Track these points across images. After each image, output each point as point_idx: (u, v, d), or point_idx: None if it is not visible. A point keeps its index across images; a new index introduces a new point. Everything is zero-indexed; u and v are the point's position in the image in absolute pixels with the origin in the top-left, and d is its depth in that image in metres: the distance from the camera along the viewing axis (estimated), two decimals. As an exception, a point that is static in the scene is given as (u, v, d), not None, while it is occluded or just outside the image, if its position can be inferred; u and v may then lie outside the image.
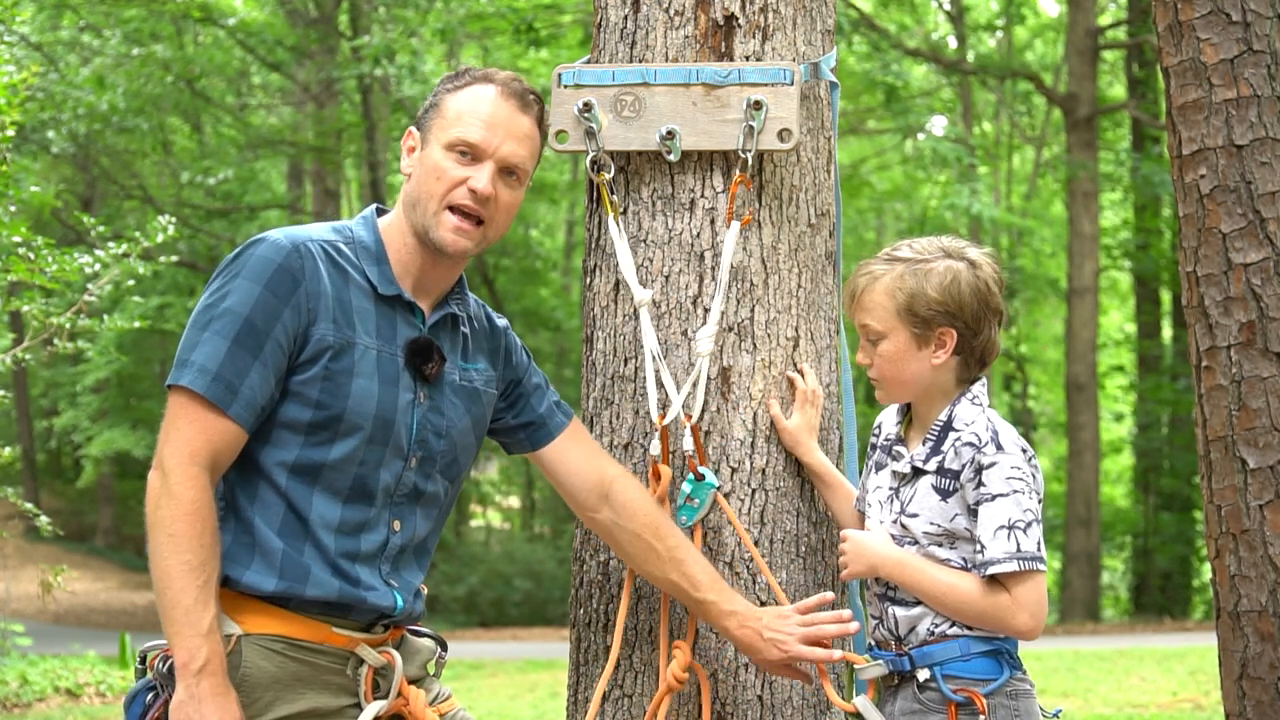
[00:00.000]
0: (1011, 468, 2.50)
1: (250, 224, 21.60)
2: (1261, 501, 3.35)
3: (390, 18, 19.84)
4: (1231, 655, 3.41)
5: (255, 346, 2.38)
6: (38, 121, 17.48)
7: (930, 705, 2.53)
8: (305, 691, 2.42)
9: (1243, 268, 3.39)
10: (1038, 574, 2.49)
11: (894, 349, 2.62)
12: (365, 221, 2.62)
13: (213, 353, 2.36)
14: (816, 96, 3.01)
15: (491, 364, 2.72)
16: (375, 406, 2.47)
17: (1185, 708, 9.02)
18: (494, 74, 2.62)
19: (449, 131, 2.55)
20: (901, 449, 2.64)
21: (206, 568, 2.31)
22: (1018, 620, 2.49)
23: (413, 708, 2.55)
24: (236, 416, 2.37)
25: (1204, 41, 3.44)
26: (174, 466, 2.33)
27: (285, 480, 2.43)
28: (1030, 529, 2.48)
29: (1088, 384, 18.49)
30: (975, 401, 2.61)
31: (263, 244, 2.45)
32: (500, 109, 2.57)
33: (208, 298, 2.43)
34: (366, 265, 2.54)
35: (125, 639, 11.82)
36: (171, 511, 2.31)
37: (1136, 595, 22.28)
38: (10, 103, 7.75)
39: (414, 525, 2.57)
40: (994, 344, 2.63)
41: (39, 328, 8.41)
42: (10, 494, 8.51)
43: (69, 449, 28.04)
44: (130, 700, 2.45)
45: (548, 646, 15.28)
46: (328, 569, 2.43)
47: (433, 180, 2.54)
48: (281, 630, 2.41)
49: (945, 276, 2.58)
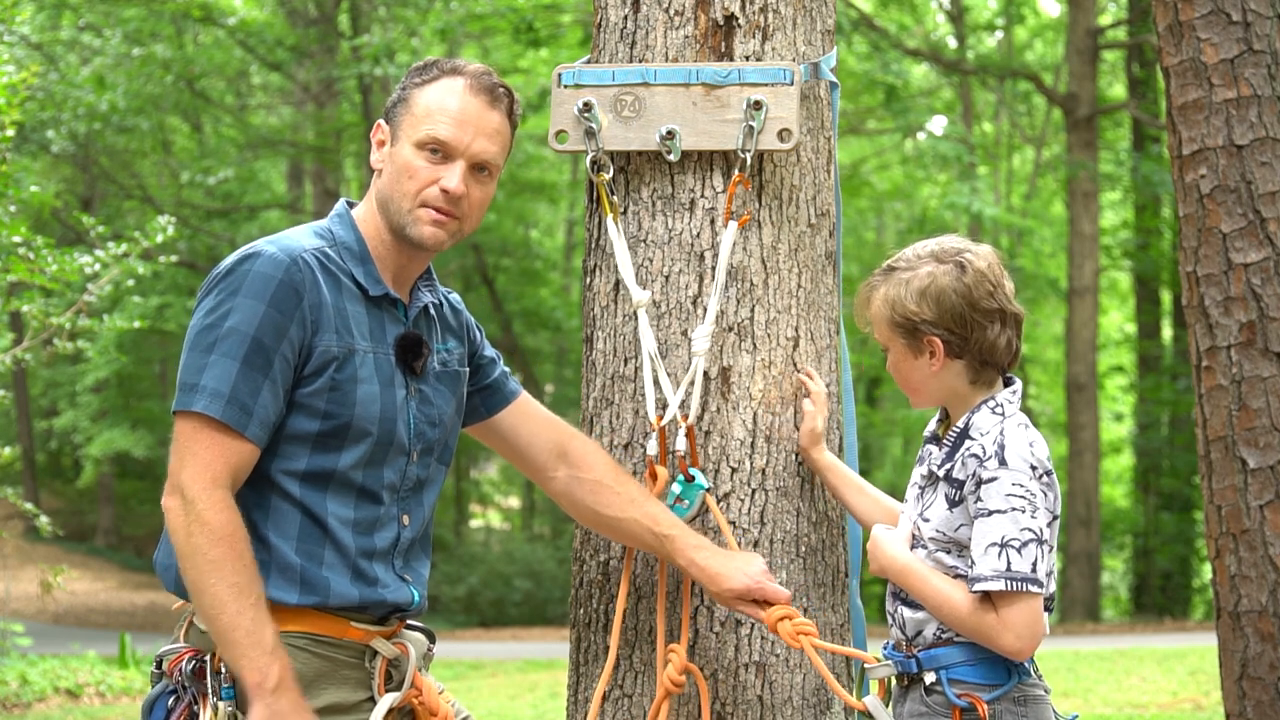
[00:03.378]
0: (1013, 484, 2.43)
1: (250, 224, 21.60)
2: (1261, 501, 3.35)
3: (390, 17, 19.85)
4: (1231, 655, 3.41)
5: (264, 365, 2.36)
6: (38, 121, 17.48)
7: (936, 709, 2.51)
8: (326, 687, 2.44)
9: (1243, 268, 3.39)
10: (1029, 595, 2.41)
11: (894, 360, 2.62)
12: (342, 220, 2.59)
13: (223, 375, 2.35)
14: (816, 96, 3.01)
15: (459, 341, 2.73)
16: (379, 410, 2.48)
17: (1185, 708, 9.02)
18: (463, 66, 2.58)
19: (419, 129, 2.52)
20: (933, 447, 2.62)
21: (255, 586, 2.32)
22: (1003, 640, 2.43)
23: (425, 698, 2.57)
24: (253, 437, 2.36)
25: (1204, 41, 3.44)
26: (199, 493, 2.32)
27: (298, 488, 2.43)
28: (1025, 549, 2.41)
29: (1088, 384, 18.49)
30: (996, 410, 2.54)
31: (259, 259, 2.41)
32: (470, 105, 2.53)
33: (206, 317, 2.40)
34: (353, 267, 2.53)
35: (125, 639, 11.82)
36: (207, 538, 2.30)
37: (1136, 595, 22.28)
38: (10, 103, 7.75)
39: (420, 516, 2.60)
40: (993, 345, 2.55)
41: (39, 328, 8.42)
42: (10, 494, 8.52)
43: (69, 449, 28.04)
44: (150, 705, 2.45)
45: (548, 646, 15.28)
46: (347, 574, 2.44)
47: (405, 179, 2.53)
48: (304, 627, 2.42)
49: (923, 283, 2.55)
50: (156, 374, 26.43)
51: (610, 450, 2.93)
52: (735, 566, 2.64)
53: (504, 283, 22.52)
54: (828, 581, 2.96)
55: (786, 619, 2.63)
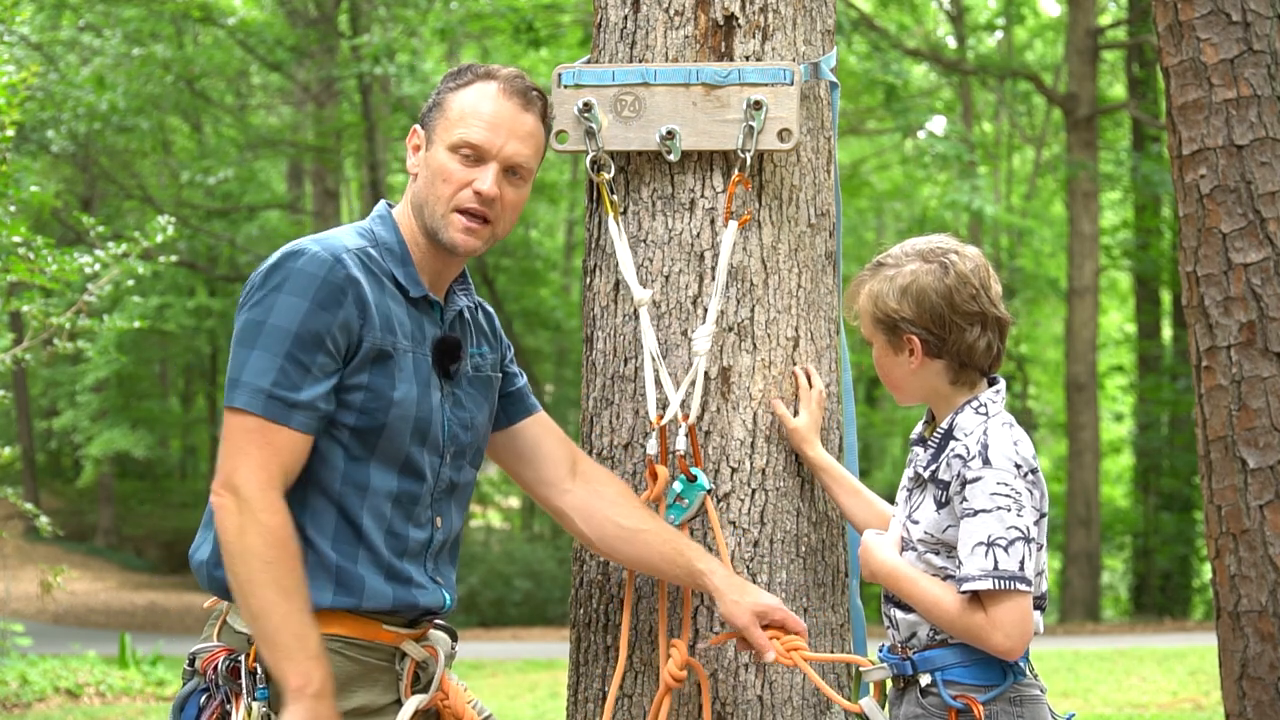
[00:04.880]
0: (997, 483, 2.43)
1: (250, 224, 21.61)
2: (1261, 501, 3.35)
3: (390, 17, 19.85)
4: (1231, 655, 3.41)
5: (308, 358, 2.37)
6: (38, 121, 17.47)
7: (932, 710, 2.51)
8: (357, 690, 2.46)
9: (1243, 268, 3.39)
10: (1017, 594, 2.41)
11: (877, 355, 2.64)
12: (384, 222, 2.60)
13: (264, 369, 2.35)
14: (816, 96, 3.01)
15: (492, 348, 2.74)
16: (415, 409, 2.49)
17: (1185, 708, 9.02)
18: (496, 71, 2.61)
19: (453, 132, 2.54)
20: (919, 450, 2.63)
21: (304, 590, 2.34)
22: (993, 639, 2.43)
23: (452, 701, 2.58)
24: (300, 425, 2.37)
25: (1204, 41, 3.44)
26: (254, 493, 2.32)
27: (338, 485, 2.44)
28: (1013, 547, 2.41)
29: (1088, 384, 18.49)
30: (980, 410, 2.54)
31: (302, 257, 2.42)
32: (503, 108, 2.56)
33: (250, 313, 2.40)
34: (394, 268, 2.54)
35: (125, 639, 11.82)
36: (263, 539, 2.31)
37: (1136, 595, 22.29)
38: (10, 103, 7.75)
39: (451, 519, 2.61)
40: (972, 347, 2.54)
41: (39, 328, 8.42)
42: (10, 494, 8.51)
43: (69, 449, 28.05)
44: (181, 703, 2.46)
45: (548, 646, 15.28)
46: (381, 574, 2.45)
47: (439, 183, 2.54)
48: (338, 630, 2.43)
49: (906, 281, 2.55)
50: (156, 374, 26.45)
51: (610, 450, 2.93)
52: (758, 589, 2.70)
53: (504, 283, 22.52)
54: (828, 581, 2.96)
55: (775, 638, 2.64)
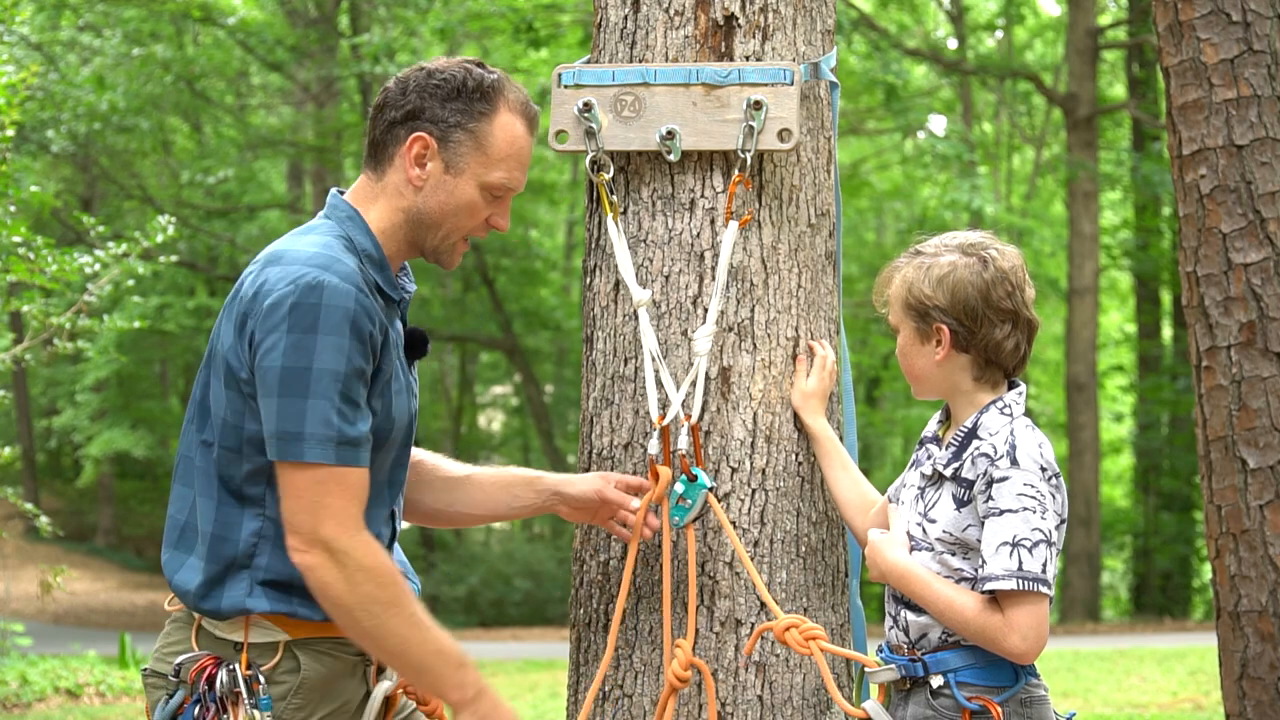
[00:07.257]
0: (1024, 484, 2.43)
1: (250, 224, 21.59)
2: (1261, 501, 3.35)
3: (390, 17, 19.84)
4: (1231, 655, 3.41)
5: (357, 395, 2.37)
6: (38, 121, 17.47)
7: (943, 712, 2.49)
8: (344, 686, 2.48)
9: (1243, 268, 3.39)
10: (1038, 596, 2.40)
11: (902, 343, 2.65)
12: (355, 224, 2.51)
13: (325, 418, 2.33)
14: (816, 96, 3.01)
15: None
16: (407, 415, 2.52)
17: (1185, 708, 9.02)
18: (515, 102, 2.55)
19: (492, 173, 2.52)
20: (934, 448, 2.62)
21: (420, 607, 2.40)
22: (1008, 641, 2.42)
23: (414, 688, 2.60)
24: (365, 461, 2.38)
25: (1204, 41, 3.44)
26: (348, 543, 2.33)
27: None
28: (1037, 549, 2.40)
29: (1088, 384, 18.49)
30: (1005, 411, 2.55)
31: (324, 290, 2.34)
32: (528, 145, 2.58)
33: (287, 358, 2.33)
34: (375, 275, 2.50)
35: (125, 639, 11.83)
36: (375, 582, 2.34)
37: (1136, 595, 22.29)
38: (10, 103, 7.75)
39: (401, 506, 2.64)
40: (1000, 345, 2.55)
41: (39, 328, 8.42)
42: (10, 494, 8.51)
43: (69, 449, 28.03)
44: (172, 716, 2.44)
45: (548, 646, 15.28)
46: None
47: (464, 215, 2.53)
48: (327, 633, 2.44)
49: (943, 270, 2.56)
50: (156, 374, 26.43)
51: (610, 450, 2.93)
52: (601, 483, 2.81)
53: (504, 283, 22.51)
54: (828, 581, 2.96)
55: (794, 628, 2.63)
